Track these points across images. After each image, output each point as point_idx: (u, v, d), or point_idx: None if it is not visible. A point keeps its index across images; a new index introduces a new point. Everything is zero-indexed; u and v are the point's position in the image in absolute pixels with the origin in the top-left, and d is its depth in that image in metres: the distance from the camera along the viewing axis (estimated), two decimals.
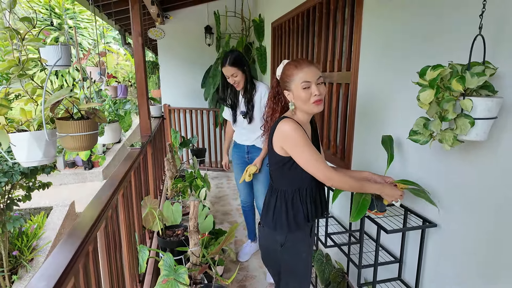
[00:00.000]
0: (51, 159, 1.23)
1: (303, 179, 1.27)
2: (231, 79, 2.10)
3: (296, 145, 1.17)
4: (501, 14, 1.01)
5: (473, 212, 1.17)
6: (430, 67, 0.96)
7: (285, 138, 1.19)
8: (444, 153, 1.28)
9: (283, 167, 1.26)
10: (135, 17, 2.17)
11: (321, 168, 1.17)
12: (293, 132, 1.17)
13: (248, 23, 4.37)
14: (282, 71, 1.27)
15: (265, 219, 1.36)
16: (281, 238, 1.30)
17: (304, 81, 1.18)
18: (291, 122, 1.19)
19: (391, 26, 1.57)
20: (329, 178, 1.18)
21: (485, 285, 1.13)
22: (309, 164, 1.18)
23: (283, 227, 1.29)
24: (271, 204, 1.32)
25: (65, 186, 5.24)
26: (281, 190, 1.30)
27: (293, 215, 1.28)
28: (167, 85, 4.73)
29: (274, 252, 1.34)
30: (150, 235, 2.33)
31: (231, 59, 2.05)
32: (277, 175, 1.31)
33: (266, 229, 1.36)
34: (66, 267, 0.76)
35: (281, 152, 1.24)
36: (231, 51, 2.13)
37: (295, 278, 1.36)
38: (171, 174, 3.07)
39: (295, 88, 1.21)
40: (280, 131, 1.20)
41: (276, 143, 1.24)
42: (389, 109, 1.61)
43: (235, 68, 2.06)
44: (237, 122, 2.31)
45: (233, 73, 2.07)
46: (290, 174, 1.26)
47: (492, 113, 0.92)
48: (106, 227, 1.16)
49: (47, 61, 1.35)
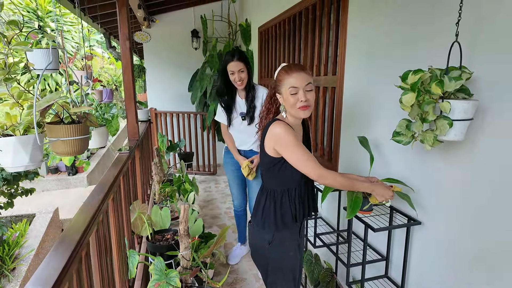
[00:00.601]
0: (38, 164, 1.22)
1: (293, 180, 1.31)
2: (237, 76, 2.00)
3: (287, 146, 1.21)
4: (475, 22, 1.08)
5: (453, 210, 1.23)
6: (412, 71, 1.02)
7: (277, 140, 1.22)
8: (425, 154, 1.34)
9: (273, 168, 1.30)
10: (122, 21, 2.16)
11: (313, 167, 1.20)
12: (284, 134, 1.20)
13: (235, 27, 4.41)
14: (276, 75, 1.31)
15: (254, 217, 1.40)
16: (269, 236, 1.34)
17: (292, 87, 1.21)
18: (282, 124, 1.23)
19: (375, 32, 1.63)
20: (321, 176, 1.20)
21: (468, 280, 1.19)
22: (301, 164, 1.21)
23: (271, 226, 1.33)
24: (261, 203, 1.37)
25: (48, 193, 5.11)
26: (271, 190, 1.34)
27: (281, 215, 1.32)
28: (153, 89, 4.70)
29: (262, 249, 1.38)
30: (139, 240, 2.31)
31: (238, 53, 1.99)
32: (267, 175, 1.35)
33: (255, 227, 1.39)
34: (60, 272, 0.76)
35: (272, 153, 1.27)
36: (235, 48, 2.11)
37: (282, 276, 1.39)
38: (159, 179, 3.05)
39: (284, 92, 1.25)
40: (272, 133, 1.24)
41: (267, 145, 1.27)
42: (373, 112, 1.67)
43: (243, 64, 1.99)
44: (233, 125, 2.21)
45: (241, 68, 1.99)
46: (280, 174, 1.30)
47: (469, 115, 0.98)
48: (98, 231, 1.16)
49: (34, 65, 1.34)
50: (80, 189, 5.23)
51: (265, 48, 3.54)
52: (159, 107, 4.71)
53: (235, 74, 2.01)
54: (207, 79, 4.11)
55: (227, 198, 3.89)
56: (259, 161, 1.43)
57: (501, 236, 1.04)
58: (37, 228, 3.48)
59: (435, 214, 1.32)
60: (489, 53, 1.04)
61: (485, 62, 1.05)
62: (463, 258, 1.20)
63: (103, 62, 9.80)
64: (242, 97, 2.16)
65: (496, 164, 1.04)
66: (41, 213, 3.74)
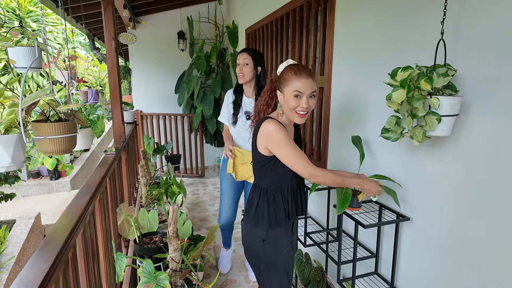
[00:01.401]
0: (20, 165, 1.17)
1: (285, 178, 1.31)
2: (239, 68, 2.00)
3: (279, 144, 1.20)
4: (458, 22, 1.12)
5: (440, 205, 1.25)
6: (401, 68, 1.04)
7: (269, 138, 1.22)
8: (412, 150, 1.37)
9: (266, 166, 1.29)
10: (108, 20, 2.12)
11: (304, 165, 1.20)
12: (276, 132, 1.19)
13: (222, 29, 4.40)
14: (282, 73, 1.26)
15: (247, 215, 1.39)
16: (263, 234, 1.34)
17: (297, 91, 1.20)
18: (274, 123, 1.22)
19: (362, 32, 1.66)
20: (312, 175, 1.21)
21: (456, 273, 1.22)
22: (293, 162, 1.21)
23: (265, 223, 1.33)
24: (254, 201, 1.36)
25: (29, 198, 4.93)
26: (263, 188, 1.34)
27: (274, 212, 1.32)
28: (138, 90, 4.63)
29: (256, 248, 1.37)
30: (126, 243, 2.26)
31: (251, 49, 2.03)
32: (260, 173, 1.34)
33: (249, 225, 1.39)
34: (46, 274, 0.73)
35: (264, 151, 1.27)
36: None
37: (276, 274, 1.38)
38: (145, 181, 2.99)
39: (287, 93, 1.22)
40: (264, 131, 1.23)
41: (260, 143, 1.27)
42: (361, 110, 1.70)
43: (250, 58, 1.98)
44: (238, 124, 2.12)
45: (246, 60, 1.97)
46: (272, 173, 1.30)
47: (455, 110, 1.01)
48: (84, 233, 1.12)
49: (15, 62, 1.29)
50: (63, 194, 5.08)
51: None
52: (145, 109, 4.63)
53: (239, 66, 2.01)
54: (194, 80, 4.08)
55: (215, 200, 3.85)
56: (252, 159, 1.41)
57: (487, 229, 1.07)
58: (18, 234, 3.35)
59: (423, 210, 1.35)
60: (471, 51, 1.07)
61: (467, 60, 1.09)
62: (450, 252, 1.23)
63: (87, 64, 9.59)
64: (249, 96, 2.10)
65: (480, 158, 1.07)
66: (22, 219, 3.60)
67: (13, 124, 1.24)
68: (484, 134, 1.05)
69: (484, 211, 1.08)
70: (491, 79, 1.01)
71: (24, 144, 1.15)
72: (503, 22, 0.97)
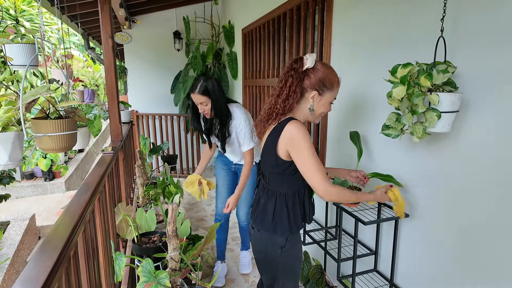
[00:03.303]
0: (17, 163, 1.16)
1: (302, 182, 1.22)
2: (200, 107, 1.89)
3: (302, 150, 1.12)
4: (456, 19, 1.13)
5: (439, 201, 1.27)
6: (401, 65, 1.05)
7: (293, 142, 1.13)
8: (411, 147, 1.38)
9: (284, 171, 1.22)
10: (104, 18, 2.10)
11: (320, 180, 1.11)
12: (304, 137, 1.12)
13: (218, 29, 4.40)
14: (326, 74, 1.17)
15: (261, 223, 1.30)
16: (282, 241, 1.27)
17: (335, 98, 1.21)
18: (301, 125, 1.14)
19: (360, 30, 1.67)
20: (327, 192, 1.12)
21: (454, 270, 1.23)
22: (310, 173, 1.12)
23: (285, 230, 1.26)
24: (269, 208, 1.27)
25: (23, 199, 4.86)
26: (280, 193, 1.26)
27: (293, 217, 1.26)
28: (134, 90, 4.60)
29: (273, 255, 1.30)
30: (124, 243, 2.24)
31: (201, 87, 1.82)
32: (276, 178, 1.25)
33: (265, 233, 1.30)
34: (51, 270, 0.72)
35: (284, 155, 1.18)
36: (203, 75, 1.89)
37: (291, 278, 1.35)
38: (142, 181, 2.97)
39: (326, 98, 1.18)
40: (289, 134, 1.14)
41: (282, 145, 1.17)
42: (359, 108, 1.71)
43: (205, 97, 1.84)
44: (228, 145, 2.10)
45: (203, 102, 1.85)
46: (292, 177, 1.23)
47: (455, 107, 1.02)
48: (85, 232, 1.11)
49: (12, 59, 1.28)
50: (57, 195, 5.01)
51: (249, 49, 3.55)
52: (141, 109, 4.61)
53: (200, 106, 1.89)
54: (190, 80, 4.08)
55: (212, 200, 3.84)
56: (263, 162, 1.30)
57: (486, 225, 1.09)
58: (12, 236, 3.29)
59: (422, 207, 1.36)
60: (471, 49, 1.09)
61: (467, 57, 1.10)
62: (450, 248, 1.24)
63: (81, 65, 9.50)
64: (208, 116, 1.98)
65: (480, 155, 1.09)
66: (16, 221, 3.54)
67: (10, 122, 1.22)
68: (484, 130, 1.07)
69: (484, 208, 1.09)
70: (491, 76, 1.03)
71: (22, 142, 1.14)
72: (504, 17, 0.99)
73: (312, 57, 1.16)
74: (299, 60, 1.17)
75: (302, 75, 1.16)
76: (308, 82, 1.17)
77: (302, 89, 1.17)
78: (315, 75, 1.16)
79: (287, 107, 1.18)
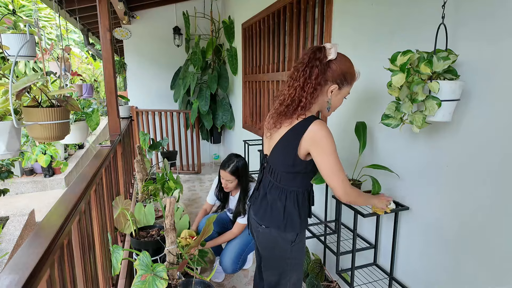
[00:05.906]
0: (15, 153, 1.15)
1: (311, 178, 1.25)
2: (224, 182, 2.11)
3: (325, 151, 1.08)
4: (457, 5, 1.11)
5: (440, 193, 1.25)
6: (400, 52, 1.03)
7: (317, 142, 1.09)
8: (412, 138, 1.36)
9: (300, 170, 1.19)
10: (103, 11, 2.09)
11: (342, 181, 1.09)
12: (328, 139, 1.08)
13: (218, 24, 4.38)
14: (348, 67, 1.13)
15: (271, 220, 1.27)
16: (292, 236, 1.26)
17: (349, 93, 1.19)
18: (325, 126, 1.10)
19: (361, 22, 1.65)
20: (347, 194, 1.10)
21: (453, 262, 1.21)
22: (332, 174, 1.09)
23: (295, 227, 1.25)
24: (279, 205, 1.25)
25: (22, 195, 4.86)
26: (291, 191, 1.23)
27: (304, 214, 1.27)
28: (134, 86, 4.58)
29: (283, 251, 1.29)
30: (122, 238, 2.23)
31: (233, 167, 2.06)
32: (289, 176, 1.22)
33: (274, 230, 1.27)
34: (41, 257, 0.71)
35: (303, 156, 1.15)
36: (235, 156, 2.10)
37: (298, 271, 1.36)
38: (141, 177, 2.96)
39: (343, 92, 1.15)
40: (313, 134, 1.09)
41: (304, 145, 1.12)
42: (359, 101, 1.69)
43: (233, 177, 2.07)
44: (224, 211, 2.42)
45: (230, 179, 2.08)
46: (305, 175, 1.22)
47: (456, 95, 1.00)
48: (80, 222, 1.10)
49: (9, 48, 1.26)
50: (57, 191, 5.01)
51: (249, 44, 3.52)
52: (141, 105, 4.59)
53: (223, 182, 2.11)
54: (190, 76, 4.06)
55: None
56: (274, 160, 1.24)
57: (487, 217, 1.07)
58: (11, 231, 3.29)
59: (422, 199, 1.34)
60: (473, 37, 1.07)
61: (469, 45, 1.08)
62: (450, 241, 1.22)
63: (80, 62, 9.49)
64: (233, 194, 2.26)
65: (481, 145, 1.07)
66: (15, 216, 3.54)
67: (7, 112, 1.21)
68: (485, 120, 1.05)
69: (485, 199, 1.07)
70: (494, 65, 1.01)
71: (19, 132, 1.12)
72: (508, 4, 0.96)
73: (335, 48, 1.09)
74: (323, 49, 1.10)
75: (326, 66, 1.10)
76: (330, 74, 1.10)
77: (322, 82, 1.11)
78: (338, 67, 1.10)
79: (314, 99, 1.12)
